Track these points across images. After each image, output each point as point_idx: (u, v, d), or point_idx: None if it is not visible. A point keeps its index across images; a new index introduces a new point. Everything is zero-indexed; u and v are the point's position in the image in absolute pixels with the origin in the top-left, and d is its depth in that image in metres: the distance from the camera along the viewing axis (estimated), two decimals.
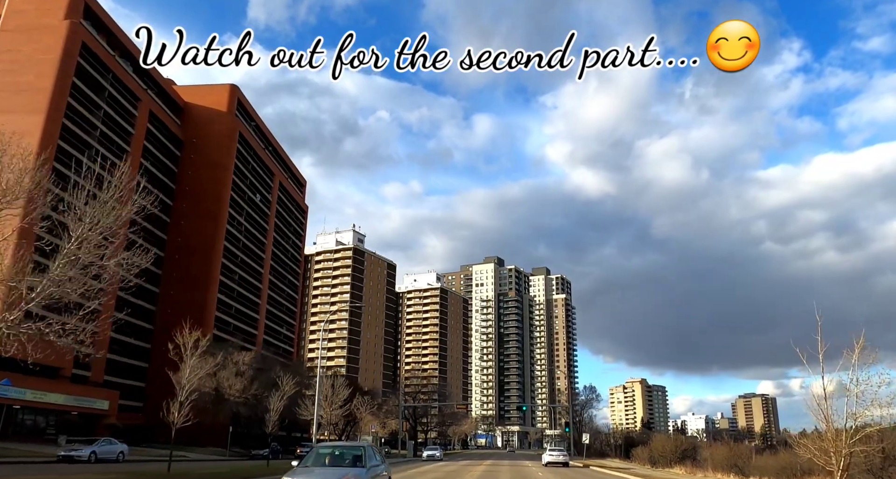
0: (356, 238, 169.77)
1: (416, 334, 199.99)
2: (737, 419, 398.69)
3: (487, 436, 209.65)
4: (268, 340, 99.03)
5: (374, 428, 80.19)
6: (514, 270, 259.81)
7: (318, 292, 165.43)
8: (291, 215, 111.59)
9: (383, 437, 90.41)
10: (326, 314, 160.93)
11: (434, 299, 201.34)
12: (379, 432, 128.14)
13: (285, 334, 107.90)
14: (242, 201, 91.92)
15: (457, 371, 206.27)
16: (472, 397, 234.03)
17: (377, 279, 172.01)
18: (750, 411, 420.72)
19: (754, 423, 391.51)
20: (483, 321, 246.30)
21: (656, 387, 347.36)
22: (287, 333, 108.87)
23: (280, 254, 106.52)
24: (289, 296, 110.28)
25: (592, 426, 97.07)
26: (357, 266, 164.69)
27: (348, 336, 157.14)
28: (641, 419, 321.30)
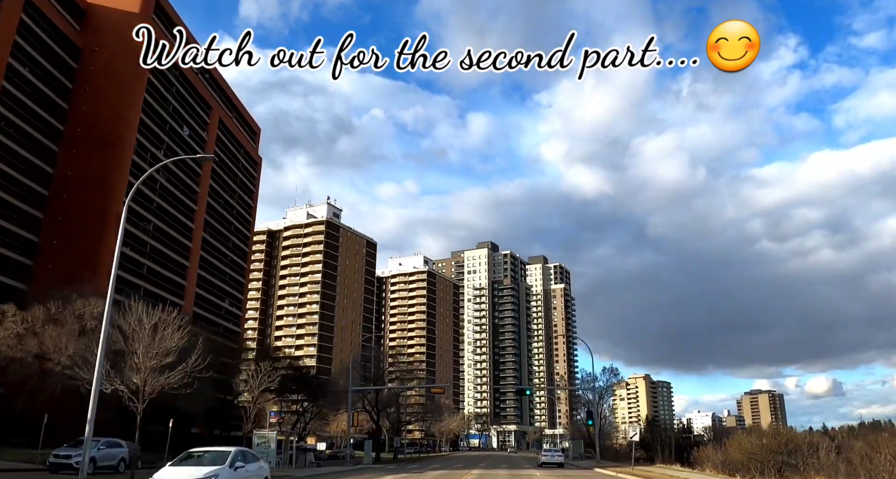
0: (331, 212, 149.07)
1: (400, 322, 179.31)
2: (743, 416, 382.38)
3: (481, 436, 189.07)
4: (202, 314, 78.30)
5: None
6: (509, 256, 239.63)
7: (286, 271, 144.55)
8: (237, 164, 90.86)
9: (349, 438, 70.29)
10: (295, 296, 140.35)
11: (421, 283, 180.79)
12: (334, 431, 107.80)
13: (229, 310, 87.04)
14: (162, 132, 71.34)
15: (446, 364, 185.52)
16: (465, 394, 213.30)
17: (355, 258, 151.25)
18: (756, 408, 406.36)
19: (761, 420, 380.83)
20: (476, 311, 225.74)
21: (661, 383, 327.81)
22: (232, 309, 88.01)
23: (221, 210, 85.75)
24: (234, 264, 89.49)
25: (611, 422, 77.26)
26: (331, 243, 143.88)
27: (319, 322, 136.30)
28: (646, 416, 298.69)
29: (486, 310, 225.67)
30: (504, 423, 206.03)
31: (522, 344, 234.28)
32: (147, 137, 68.08)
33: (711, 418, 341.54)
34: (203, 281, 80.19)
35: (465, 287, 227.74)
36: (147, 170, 66.29)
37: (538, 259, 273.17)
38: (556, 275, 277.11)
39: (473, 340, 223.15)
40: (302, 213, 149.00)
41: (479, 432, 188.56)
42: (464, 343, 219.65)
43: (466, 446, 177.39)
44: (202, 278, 79.82)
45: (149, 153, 68.47)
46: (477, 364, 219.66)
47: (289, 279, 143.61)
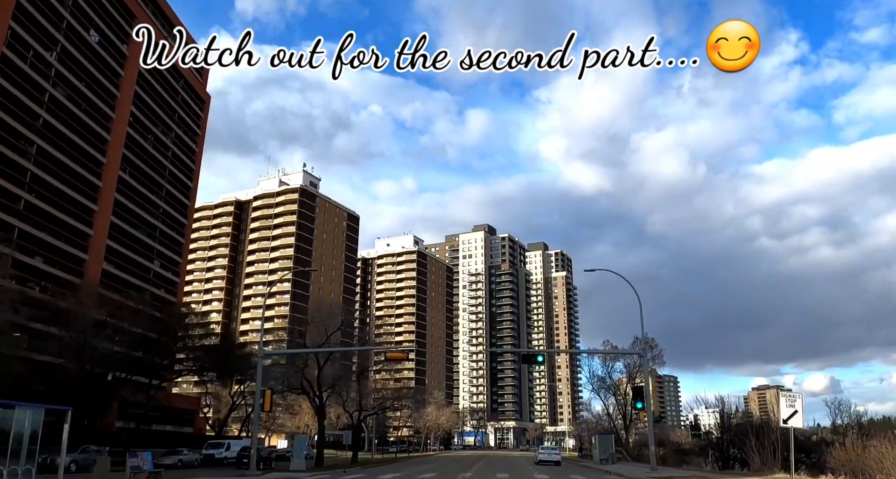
0: (307, 180, 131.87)
1: (387, 308, 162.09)
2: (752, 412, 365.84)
3: (477, 433, 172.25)
4: (118, 275, 61.16)
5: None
6: (507, 239, 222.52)
7: (255, 246, 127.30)
8: (175, 97, 73.49)
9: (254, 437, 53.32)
10: (265, 274, 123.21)
11: (410, 265, 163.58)
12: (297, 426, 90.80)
13: (160, 274, 69.76)
14: (57, 31, 54.06)
15: (438, 355, 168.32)
16: (460, 388, 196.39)
17: (333, 232, 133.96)
18: (764, 403, 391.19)
19: (769, 417, 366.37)
20: (472, 298, 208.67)
21: (667, 378, 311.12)
22: (165, 272, 70.74)
23: (150, 148, 68.49)
24: (169, 218, 72.27)
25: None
26: (305, 213, 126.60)
27: (291, 302, 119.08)
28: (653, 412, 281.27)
29: (482, 298, 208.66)
30: (502, 419, 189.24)
31: (522, 335, 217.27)
32: (29, 30, 50.80)
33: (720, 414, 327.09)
34: (121, 233, 62.91)
35: (461, 273, 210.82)
36: (27, 72, 49.25)
37: (538, 246, 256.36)
38: (557, 262, 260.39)
39: (469, 329, 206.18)
40: (273, 181, 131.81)
41: (474, 428, 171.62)
42: (458, 333, 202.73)
43: (460, 444, 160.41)
44: (119, 230, 62.54)
45: (31, 51, 51.24)
46: (473, 356, 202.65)
47: (258, 255, 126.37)
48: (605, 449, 43.10)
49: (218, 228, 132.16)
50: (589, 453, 64.16)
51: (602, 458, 42.35)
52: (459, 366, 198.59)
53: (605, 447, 43.46)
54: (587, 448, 71.15)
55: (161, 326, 53.14)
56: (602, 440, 45.38)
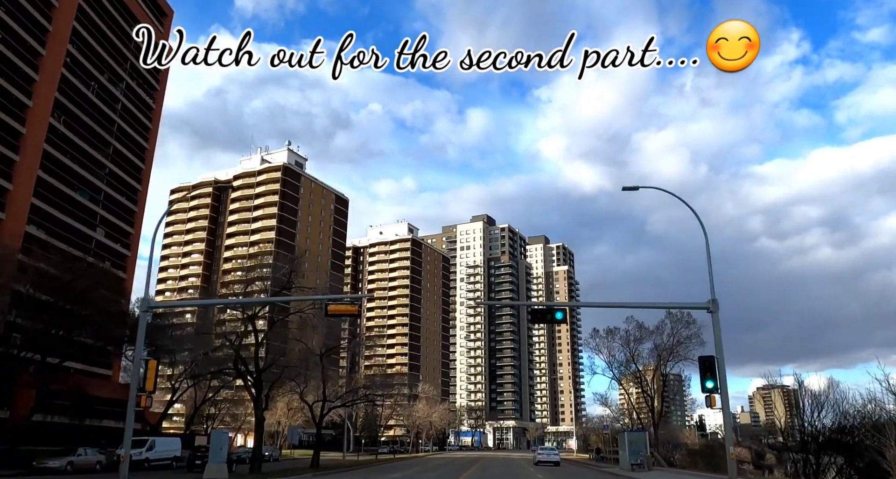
0: (292, 159, 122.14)
1: (379, 299, 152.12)
2: (757, 412, 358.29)
3: (475, 433, 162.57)
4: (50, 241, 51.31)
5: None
6: (507, 230, 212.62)
7: (234, 228, 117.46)
8: (125, 40, 63.49)
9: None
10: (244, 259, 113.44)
11: (403, 253, 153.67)
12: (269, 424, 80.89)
13: (105, 245, 59.93)
14: None
15: (433, 349, 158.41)
16: (457, 385, 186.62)
17: (320, 215, 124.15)
18: (770, 403, 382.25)
19: (774, 417, 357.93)
20: (470, 291, 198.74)
21: (671, 375, 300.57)
22: (110, 243, 60.92)
23: (91, 95, 58.67)
24: (119, 183, 62.55)
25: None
26: (288, 193, 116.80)
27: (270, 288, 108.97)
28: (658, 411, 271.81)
29: (481, 291, 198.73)
30: (501, 418, 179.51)
31: (522, 330, 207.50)
32: None
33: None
34: (52, 192, 53.14)
35: (458, 266, 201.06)
36: None
37: (539, 239, 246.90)
38: (558, 256, 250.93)
39: (467, 324, 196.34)
40: (256, 160, 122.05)
41: (472, 428, 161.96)
42: (456, 329, 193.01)
43: (457, 444, 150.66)
44: (49, 188, 52.77)
45: None
46: (470, 352, 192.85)
47: (237, 239, 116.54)
48: (638, 451, 32.84)
49: (195, 209, 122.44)
50: (607, 455, 54.39)
51: (634, 462, 32.40)
52: (457, 363, 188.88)
53: (637, 447, 33.07)
54: (605, 449, 61.27)
55: (90, 296, 43.37)
56: (634, 438, 34.87)
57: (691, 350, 44.49)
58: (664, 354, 46.82)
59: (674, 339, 45.58)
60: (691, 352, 44.93)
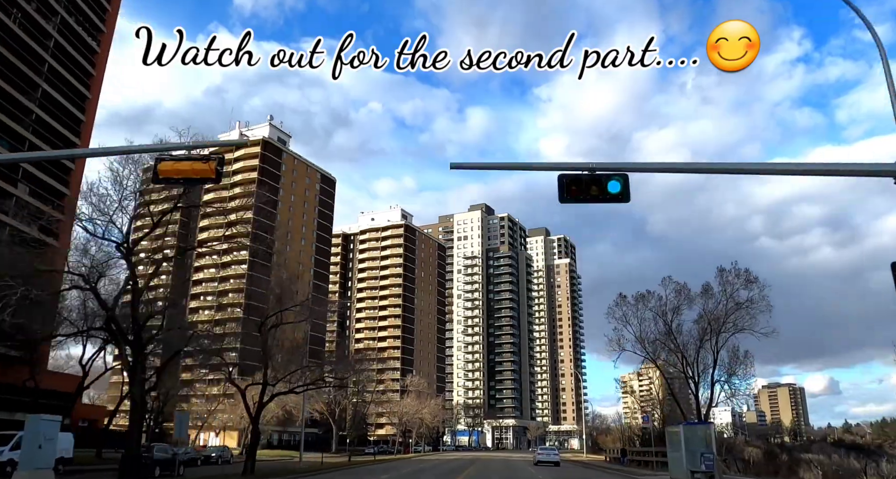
0: (274, 134, 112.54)
1: (369, 289, 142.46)
2: (763, 411, 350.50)
3: (473, 432, 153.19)
4: None
5: None
6: (506, 219, 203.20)
7: (209, 209, 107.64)
8: None
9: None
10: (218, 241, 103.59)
11: (396, 240, 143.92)
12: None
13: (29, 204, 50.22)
14: None
15: (428, 343, 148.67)
16: (454, 382, 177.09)
17: (304, 196, 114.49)
18: (776, 402, 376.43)
19: (780, 416, 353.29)
20: (467, 284, 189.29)
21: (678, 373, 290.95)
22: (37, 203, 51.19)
23: (13, 25, 48.97)
24: (51, 133, 52.86)
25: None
26: (268, 170, 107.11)
27: (248, 273, 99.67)
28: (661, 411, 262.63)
29: (479, 283, 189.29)
30: (500, 417, 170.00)
31: (522, 325, 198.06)
32: None
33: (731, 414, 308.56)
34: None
35: (455, 257, 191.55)
36: None
37: (539, 231, 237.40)
38: (559, 249, 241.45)
39: (464, 318, 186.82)
40: (234, 134, 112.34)
41: (469, 427, 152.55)
42: (453, 323, 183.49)
43: (453, 444, 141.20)
44: None
45: None
46: (468, 347, 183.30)
47: (211, 220, 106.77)
48: (704, 454, 22.24)
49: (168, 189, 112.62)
50: (638, 457, 44.55)
51: (696, 469, 21.84)
52: (454, 359, 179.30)
53: (699, 447, 22.75)
54: (631, 450, 51.52)
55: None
56: (693, 434, 23.55)
57: (751, 320, 34.49)
58: (713, 325, 36.84)
59: (727, 302, 35.56)
60: (751, 322, 34.97)
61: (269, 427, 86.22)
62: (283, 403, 71.67)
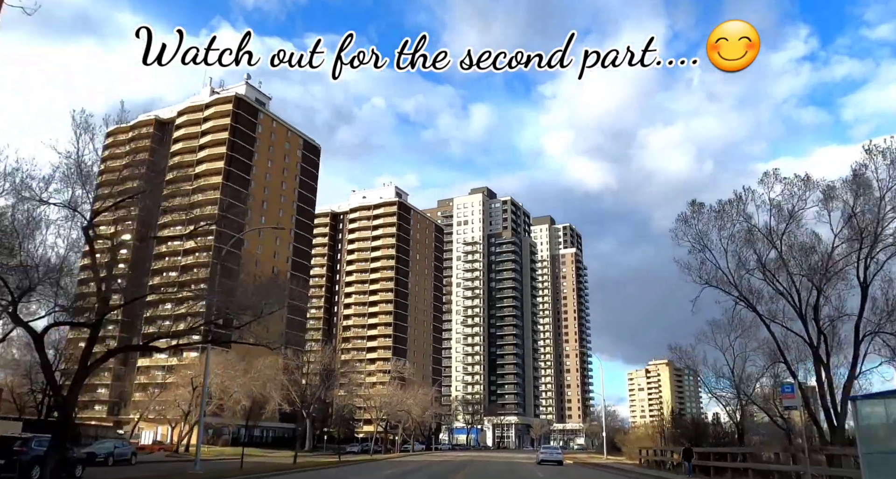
0: (251, 93, 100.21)
1: (359, 272, 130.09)
2: None
3: (472, 430, 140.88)
4: None
5: None
6: (509, 202, 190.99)
7: (174, 174, 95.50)
8: None
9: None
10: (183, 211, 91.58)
11: (389, 218, 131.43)
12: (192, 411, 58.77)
13: None
14: None
15: (423, 332, 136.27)
16: (452, 376, 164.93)
17: (283, 162, 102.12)
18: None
19: (792, 414, 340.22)
20: (467, 271, 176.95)
21: (687, 370, 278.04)
22: None
23: None
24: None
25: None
26: (241, 130, 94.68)
27: (215, 246, 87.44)
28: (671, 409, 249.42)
29: (480, 270, 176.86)
30: (502, 413, 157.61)
31: (526, 316, 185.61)
32: None
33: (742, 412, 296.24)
34: None
35: (455, 243, 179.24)
36: None
37: (544, 219, 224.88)
38: (565, 238, 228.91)
39: (464, 308, 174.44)
40: (205, 92, 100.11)
41: (468, 424, 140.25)
42: (451, 313, 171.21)
43: (449, 442, 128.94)
44: None
45: None
46: (467, 338, 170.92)
47: (177, 186, 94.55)
48: None
49: (131, 155, 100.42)
50: (702, 461, 31.36)
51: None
52: (452, 351, 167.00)
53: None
54: (672, 452, 38.24)
55: None
56: None
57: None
58: (864, 234, 22.92)
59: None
60: None
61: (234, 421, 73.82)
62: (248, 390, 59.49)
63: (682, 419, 42.56)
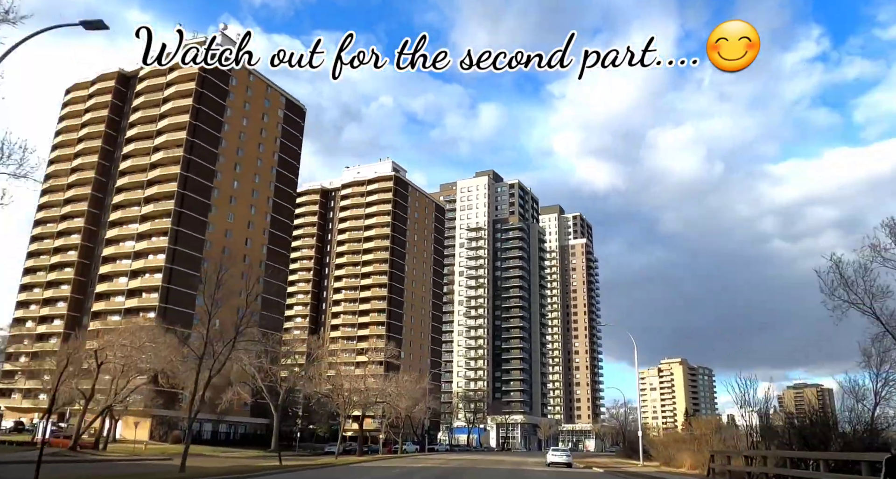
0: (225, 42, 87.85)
1: (351, 253, 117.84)
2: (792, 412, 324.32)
3: (474, 430, 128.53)
4: None
5: None
6: (517, 186, 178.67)
7: (132, 146, 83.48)
8: None
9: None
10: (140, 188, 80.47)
11: (384, 194, 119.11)
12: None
13: None
14: None
15: (421, 321, 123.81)
16: (453, 371, 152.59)
17: (260, 122, 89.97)
18: (802, 403, 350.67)
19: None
20: (471, 259, 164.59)
21: (701, 369, 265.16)
22: None
23: None
24: None
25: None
26: (212, 81, 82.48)
27: (173, 228, 75.37)
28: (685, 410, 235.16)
29: (484, 258, 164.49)
30: (507, 412, 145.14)
31: (533, 308, 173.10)
32: None
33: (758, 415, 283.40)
34: None
35: (458, 229, 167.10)
36: None
37: (553, 208, 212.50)
38: (575, 228, 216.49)
39: (466, 298, 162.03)
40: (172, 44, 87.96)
41: (469, 423, 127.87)
42: (453, 303, 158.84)
43: (448, 443, 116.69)
44: None
45: None
46: (470, 331, 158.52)
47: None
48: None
49: (92, 110, 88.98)
50: (780, 469, 19.48)
51: None
52: (454, 344, 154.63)
53: None
54: (814, 462, 25.23)
55: None
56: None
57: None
58: None
59: None
60: None
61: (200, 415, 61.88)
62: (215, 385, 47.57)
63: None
